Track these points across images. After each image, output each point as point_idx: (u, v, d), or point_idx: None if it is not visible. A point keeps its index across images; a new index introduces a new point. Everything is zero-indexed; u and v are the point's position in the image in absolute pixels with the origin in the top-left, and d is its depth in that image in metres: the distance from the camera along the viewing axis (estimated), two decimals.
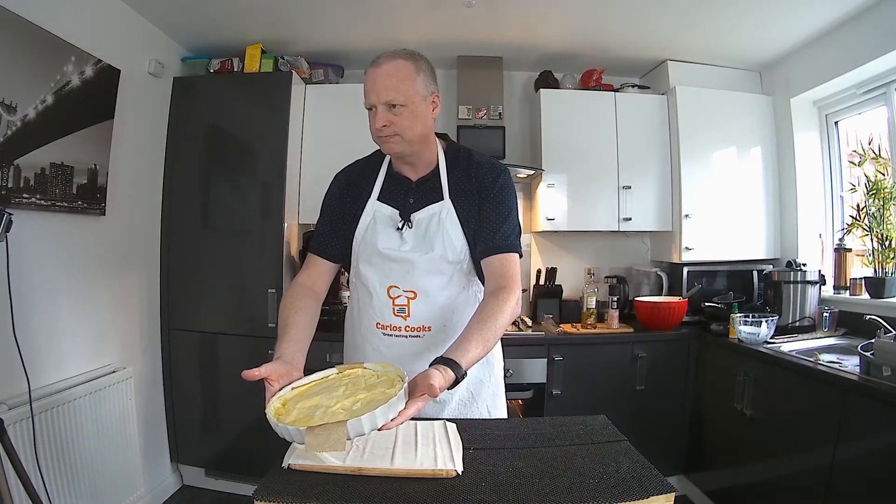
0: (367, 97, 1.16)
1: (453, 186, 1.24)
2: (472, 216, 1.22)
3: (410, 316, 1.21)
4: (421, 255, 1.20)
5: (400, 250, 1.21)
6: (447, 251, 1.21)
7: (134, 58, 2.29)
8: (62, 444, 1.78)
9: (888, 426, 1.48)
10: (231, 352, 2.51)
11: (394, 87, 1.13)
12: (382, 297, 1.22)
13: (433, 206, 1.23)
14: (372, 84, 1.14)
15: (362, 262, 1.25)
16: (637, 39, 2.64)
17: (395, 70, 1.13)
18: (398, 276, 1.21)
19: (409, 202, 1.24)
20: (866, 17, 2.20)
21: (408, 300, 1.21)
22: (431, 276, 1.21)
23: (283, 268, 2.50)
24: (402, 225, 1.22)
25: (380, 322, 1.23)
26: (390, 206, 1.24)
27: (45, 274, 1.85)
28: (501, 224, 1.21)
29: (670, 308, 2.51)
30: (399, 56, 1.15)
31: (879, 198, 2.24)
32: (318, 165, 2.68)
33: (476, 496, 0.77)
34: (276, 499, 0.75)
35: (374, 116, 1.16)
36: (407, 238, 1.22)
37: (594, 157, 2.78)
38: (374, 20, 2.44)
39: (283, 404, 0.89)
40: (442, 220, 1.21)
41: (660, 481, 0.80)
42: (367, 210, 1.25)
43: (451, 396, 1.25)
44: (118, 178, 2.18)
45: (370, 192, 1.27)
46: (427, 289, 1.21)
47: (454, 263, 1.22)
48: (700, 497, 2.44)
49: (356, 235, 1.25)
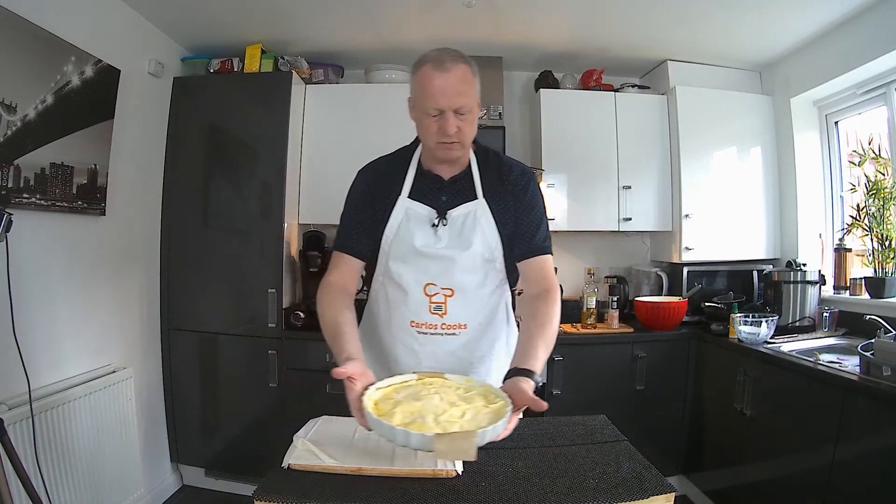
0: (435, 101, 1.11)
1: (486, 186, 1.24)
2: (506, 217, 1.24)
3: (447, 314, 1.21)
4: (460, 253, 1.20)
5: (437, 248, 1.21)
6: (484, 249, 1.22)
7: (134, 58, 2.29)
8: (62, 444, 1.78)
9: (888, 426, 1.48)
10: (231, 352, 2.51)
11: (464, 92, 1.12)
12: (418, 295, 1.21)
13: (468, 205, 1.23)
14: (441, 89, 1.10)
15: (394, 260, 1.23)
16: (637, 39, 2.64)
17: (463, 75, 1.12)
18: (435, 274, 1.21)
19: (442, 200, 1.23)
20: (866, 17, 2.20)
21: (445, 298, 1.21)
22: (469, 274, 1.22)
23: (283, 268, 2.50)
24: (438, 222, 1.22)
25: (414, 320, 1.22)
26: (423, 204, 1.23)
27: (46, 274, 1.85)
28: (538, 228, 1.25)
29: (670, 308, 2.51)
30: (460, 60, 1.13)
31: (879, 198, 2.24)
32: (318, 165, 2.68)
33: (476, 496, 0.77)
34: (276, 499, 0.75)
35: (443, 122, 1.12)
36: (441, 235, 1.22)
37: (594, 157, 2.78)
38: (374, 20, 2.44)
39: (376, 404, 0.90)
40: (477, 218, 1.22)
41: (660, 481, 0.80)
42: (399, 207, 1.23)
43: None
44: (118, 178, 2.18)
45: (400, 189, 1.24)
46: (464, 286, 1.21)
47: (489, 262, 1.23)
48: (700, 497, 2.44)
49: (386, 233, 1.23)
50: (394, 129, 2.66)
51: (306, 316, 2.46)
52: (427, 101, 1.12)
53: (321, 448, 0.87)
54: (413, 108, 1.21)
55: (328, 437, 0.94)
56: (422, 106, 1.14)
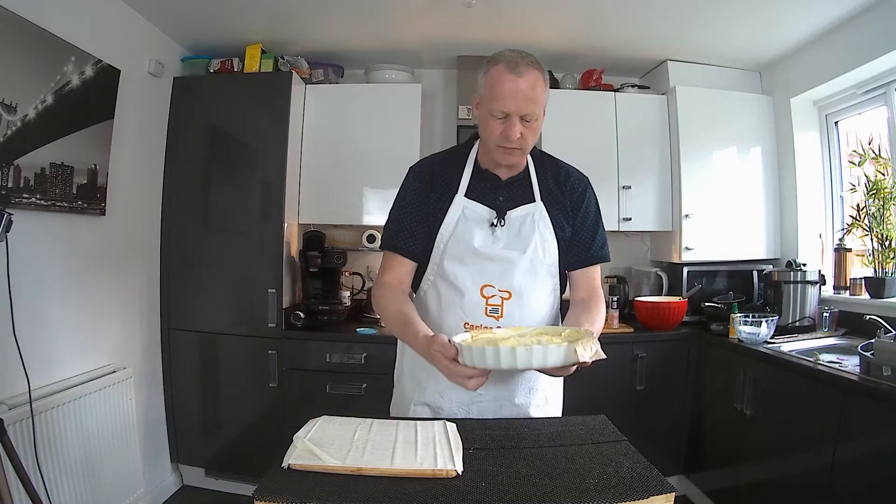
0: (503, 104, 1.09)
1: (544, 190, 1.24)
2: (564, 221, 1.24)
3: (503, 316, 1.18)
4: (519, 255, 1.19)
5: (496, 248, 1.19)
6: (542, 252, 1.21)
7: (134, 58, 2.29)
8: (62, 444, 1.78)
9: (888, 426, 1.48)
10: (231, 352, 2.51)
11: (534, 99, 1.10)
12: (475, 297, 1.18)
13: (527, 207, 1.22)
14: (513, 93, 1.08)
15: (450, 260, 1.20)
16: (637, 39, 2.64)
17: (535, 81, 1.10)
18: (494, 276, 1.18)
19: (500, 200, 1.22)
20: (866, 17, 2.20)
21: (502, 300, 1.18)
22: (527, 277, 1.20)
23: (283, 268, 2.50)
24: (497, 222, 1.20)
25: (469, 322, 1.18)
26: (481, 204, 1.21)
27: (46, 274, 1.85)
28: (595, 235, 1.26)
29: (670, 308, 2.51)
30: (535, 65, 1.11)
31: (879, 198, 2.24)
32: (318, 165, 2.68)
33: (476, 496, 0.77)
34: (276, 499, 0.75)
35: (508, 126, 1.11)
36: (500, 236, 1.20)
37: (594, 157, 2.77)
38: (374, 20, 2.44)
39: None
40: (535, 221, 1.21)
41: (660, 481, 0.80)
42: (455, 206, 1.20)
43: (530, 401, 1.26)
44: (118, 178, 2.18)
45: (456, 188, 1.22)
46: (522, 289, 1.19)
47: (546, 265, 1.22)
48: (700, 497, 2.44)
49: (441, 232, 1.20)
50: (394, 129, 2.72)
51: (306, 316, 2.46)
52: (495, 102, 1.10)
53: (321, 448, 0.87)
54: (478, 106, 1.18)
55: (328, 437, 0.93)
56: (489, 106, 1.12)
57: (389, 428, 1.00)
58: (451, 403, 1.22)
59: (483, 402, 1.21)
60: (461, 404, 1.22)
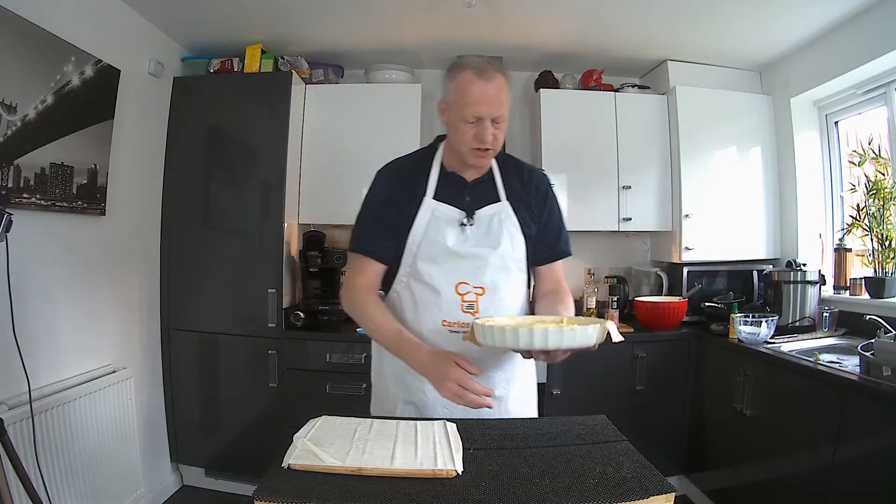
0: (476, 109, 1.15)
1: (509, 189, 1.29)
2: (529, 219, 1.29)
3: (479, 312, 1.23)
4: (490, 251, 1.24)
5: (468, 247, 1.24)
6: (511, 248, 1.26)
7: (134, 58, 2.29)
8: (62, 444, 1.78)
9: (888, 426, 1.48)
10: (231, 352, 2.51)
11: (503, 102, 1.16)
12: (451, 295, 1.22)
13: (494, 206, 1.27)
14: (484, 97, 1.14)
15: (424, 261, 1.24)
16: (637, 39, 2.64)
17: (502, 85, 1.16)
18: (467, 273, 1.23)
19: (467, 200, 1.26)
20: (866, 17, 2.20)
21: (476, 296, 1.23)
22: (499, 273, 1.25)
23: (283, 268, 2.50)
24: (467, 222, 1.24)
25: (446, 319, 1.22)
26: (449, 205, 1.25)
27: (45, 274, 1.85)
28: (561, 232, 1.34)
29: (670, 308, 2.51)
30: (500, 69, 1.17)
31: (879, 198, 2.24)
32: (318, 165, 2.68)
33: (476, 496, 0.77)
34: (276, 499, 0.75)
35: (481, 129, 1.16)
36: (470, 235, 1.24)
37: (594, 157, 2.78)
38: (374, 20, 2.44)
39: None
40: (503, 220, 1.26)
41: (660, 481, 0.80)
42: (425, 208, 1.24)
43: (509, 393, 1.30)
44: (118, 178, 2.18)
45: (424, 190, 1.26)
46: (495, 285, 1.24)
47: (516, 261, 1.28)
48: (700, 497, 2.45)
49: (413, 234, 1.24)
50: (394, 128, 2.72)
51: (306, 316, 2.46)
52: (467, 107, 1.15)
53: (321, 448, 0.87)
54: (446, 111, 1.22)
55: (328, 437, 0.94)
56: (460, 112, 1.16)
57: (389, 428, 1.00)
58: (436, 402, 1.24)
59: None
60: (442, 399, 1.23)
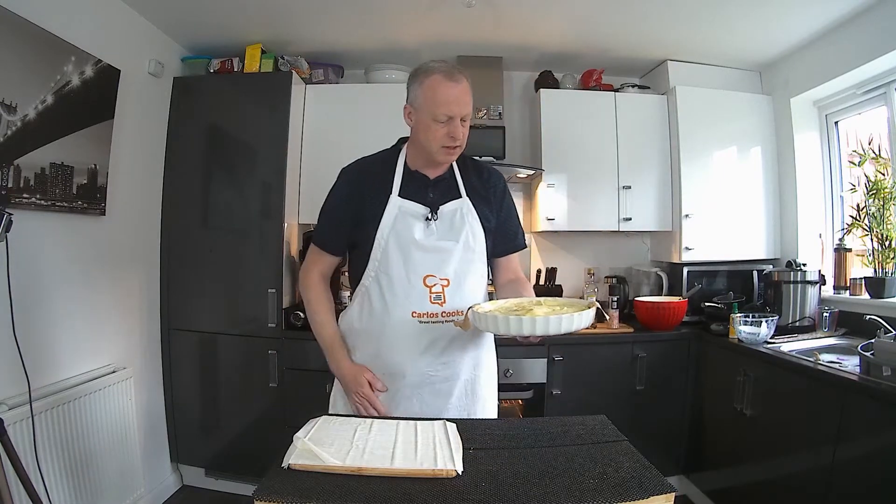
0: (448, 109, 1.23)
1: (468, 186, 1.37)
2: (489, 215, 1.38)
3: (446, 302, 1.29)
4: (454, 245, 1.31)
5: (434, 241, 1.31)
6: (472, 241, 1.33)
7: (134, 58, 2.29)
8: (62, 444, 1.78)
9: (888, 426, 1.48)
10: (231, 352, 2.51)
11: (469, 102, 1.27)
12: (419, 286, 1.28)
13: (455, 202, 1.35)
14: (455, 98, 1.24)
15: (393, 255, 1.29)
16: (637, 39, 2.64)
17: (467, 87, 1.27)
18: (433, 265, 1.29)
19: (430, 197, 1.33)
20: (866, 17, 2.20)
21: (443, 287, 1.29)
22: (462, 264, 1.32)
23: (283, 268, 2.50)
24: (431, 217, 1.31)
25: (416, 311, 1.28)
26: (414, 202, 1.32)
27: (45, 274, 1.85)
28: (518, 226, 1.46)
29: (670, 308, 2.51)
30: (464, 73, 1.28)
31: (879, 198, 2.24)
32: (318, 165, 2.68)
33: (476, 496, 0.77)
34: (276, 499, 0.75)
35: (452, 128, 1.25)
36: (434, 229, 1.31)
37: (594, 157, 2.78)
38: (374, 20, 2.44)
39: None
40: (465, 214, 1.34)
41: (660, 481, 0.80)
42: (391, 206, 1.30)
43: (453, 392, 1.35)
44: (118, 178, 2.18)
45: (390, 188, 1.32)
46: (459, 276, 1.31)
47: (478, 253, 1.35)
48: (700, 497, 2.45)
49: (381, 230, 1.29)
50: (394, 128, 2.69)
51: (306, 316, 2.45)
52: (439, 108, 1.23)
53: (321, 448, 0.87)
54: (414, 114, 1.29)
55: (328, 437, 0.94)
56: (431, 113, 1.24)
57: (389, 428, 1.00)
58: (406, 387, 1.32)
59: (436, 383, 1.32)
60: (414, 386, 1.32)
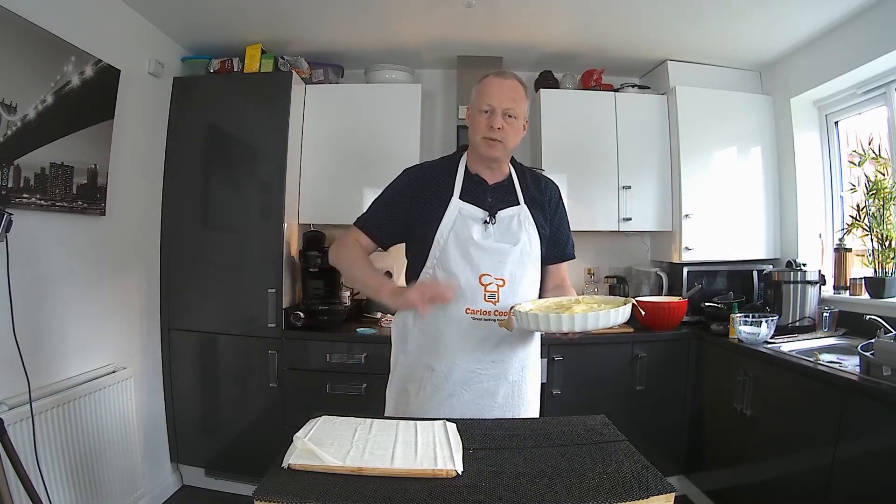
0: (488, 99, 1.33)
1: (526, 194, 1.44)
2: (544, 223, 1.45)
3: (500, 301, 1.34)
4: (511, 247, 1.36)
5: (492, 242, 1.36)
6: (528, 246, 1.39)
7: (134, 58, 2.29)
8: (62, 444, 1.79)
9: (888, 426, 1.48)
10: (231, 352, 2.51)
11: (514, 99, 1.34)
12: (474, 284, 1.34)
13: (513, 208, 1.41)
14: (498, 90, 1.33)
15: (452, 253, 1.35)
16: (637, 39, 2.64)
17: (516, 86, 1.35)
18: (490, 265, 1.35)
19: (488, 201, 1.39)
20: (866, 17, 2.20)
21: (497, 287, 1.35)
22: (518, 267, 1.37)
23: (283, 268, 2.50)
24: (489, 220, 1.37)
25: (470, 307, 1.34)
26: (473, 205, 1.38)
27: (45, 274, 1.85)
28: (569, 237, 1.54)
29: (670, 308, 2.51)
30: (515, 77, 1.37)
31: (879, 198, 2.24)
32: (318, 165, 2.68)
33: (476, 496, 0.77)
34: (276, 499, 0.75)
35: (491, 117, 1.33)
36: (492, 232, 1.37)
37: (594, 157, 2.78)
38: (375, 20, 2.44)
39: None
40: (522, 220, 1.40)
41: (660, 481, 0.80)
42: (452, 207, 1.37)
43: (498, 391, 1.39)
44: (118, 178, 2.18)
45: (451, 191, 1.39)
46: (513, 277, 1.36)
47: (533, 258, 1.41)
48: (700, 497, 2.45)
49: (441, 229, 1.35)
50: (394, 129, 2.72)
51: (306, 316, 2.46)
52: (482, 98, 1.34)
53: (321, 448, 0.87)
54: (469, 113, 1.40)
55: (328, 437, 0.94)
56: (477, 104, 1.36)
57: (389, 428, 1.00)
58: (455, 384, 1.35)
59: (483, 381, 1.36)
60: (461, 383, 1.35)
